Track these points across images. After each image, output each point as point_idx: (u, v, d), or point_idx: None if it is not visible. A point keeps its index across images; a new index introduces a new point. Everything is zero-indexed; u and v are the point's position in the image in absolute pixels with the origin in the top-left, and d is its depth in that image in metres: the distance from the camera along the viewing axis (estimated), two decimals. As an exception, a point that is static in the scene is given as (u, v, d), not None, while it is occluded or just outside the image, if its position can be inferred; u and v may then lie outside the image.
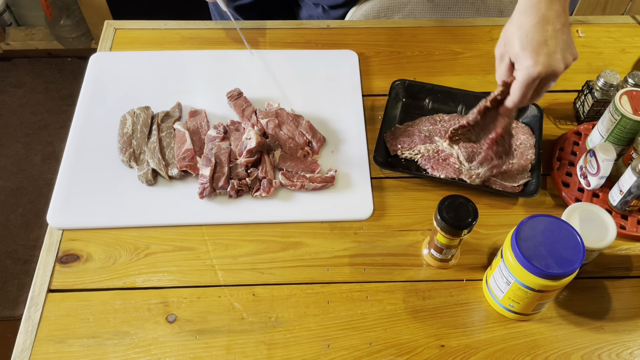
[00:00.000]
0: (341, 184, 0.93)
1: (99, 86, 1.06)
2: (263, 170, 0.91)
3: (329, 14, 1.32)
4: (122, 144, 0.95)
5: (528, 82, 0.75)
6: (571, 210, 0.81)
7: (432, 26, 1.21)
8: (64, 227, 0.88)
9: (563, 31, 0.74)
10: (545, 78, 0.76)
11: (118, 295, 0.81)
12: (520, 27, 0.74)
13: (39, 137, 2.10)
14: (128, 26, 1.18)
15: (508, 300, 0.77)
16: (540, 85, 0.78)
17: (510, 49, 0.76)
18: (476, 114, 0.87)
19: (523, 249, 0.71)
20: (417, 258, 0.87)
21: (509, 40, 0.76)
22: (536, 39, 0.73)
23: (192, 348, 0.77)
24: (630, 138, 0.91)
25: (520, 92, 0.77)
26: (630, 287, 0.85)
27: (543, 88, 0.78)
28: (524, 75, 0.75)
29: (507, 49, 0.77)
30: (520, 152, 0.97)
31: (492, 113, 0.86)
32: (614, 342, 0.79)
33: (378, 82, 1.10)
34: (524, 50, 0.74)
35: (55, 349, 0.77)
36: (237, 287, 0.83)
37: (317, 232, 0.89)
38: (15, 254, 1.81)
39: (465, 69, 1.13)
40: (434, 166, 0.95)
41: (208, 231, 0.88)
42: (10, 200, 1.93)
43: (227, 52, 1.13)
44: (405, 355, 0.77)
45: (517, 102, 0.79)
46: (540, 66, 0.73)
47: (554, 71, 0.75)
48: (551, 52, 0.74)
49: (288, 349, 0.77)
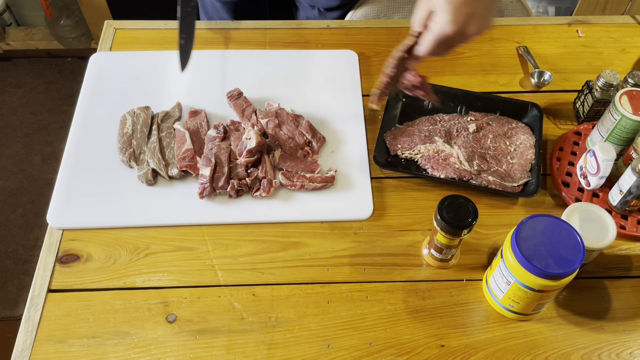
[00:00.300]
0: (341, 184, 0.93)
1: (99, 86, 1.06)
2: (263, 170, 0.91)
3: (325, 16, 1.32)
4: (122, 144, 0.95)
5: (440, 36, 0.76)
6: (571, 210, 0.81)
7: (432, 26, 1.21)
8: (64, 227, 0.88)
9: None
10: (456, 37, 0.77)
11: (118, 295, 0.81)
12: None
13: (39, 137, 2.10)
14: (128, 26, 1.18)
15: (508, 300, 0.77)
16: (449, 43, 0.78)
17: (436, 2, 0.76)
18: (393, 66, 0.88)
19: (523, 249, 0.71)
20: (417, 258, 0.87)
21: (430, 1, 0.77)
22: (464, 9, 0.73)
23: (192, 348, 0.77)
24: (630, 138, 0.91)
25: (430, 44, 0.78)
26: (630, 287, 0.85)
27: (451, 46, 0.79)
28: (437, 29, 0.76)
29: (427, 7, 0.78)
30: (520, 152, 0.97)
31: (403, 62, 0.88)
32: (614, 342, 0.79)
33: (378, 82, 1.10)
34: (446, 3, 0.73)
35: (55, 349, 0.77)
36: (237, 287, 0.83)
37: (317, 232, 0.89)
38: (15, 254, 1.81)
39: (465, 69, 1.13)
40: (434, 166, 0.95)
41: (208, 231, 0.88)
42: (10, 200, 1.93)
43: (227, 52, 1.13)
44: (405, 355, 0.77)
45: (425, 53, 0.80)
46: (455, 25, 0.74)
47: (466, 32, 0.76)
48: (470, 14, 0.74)
49: (288, 349, 0.77)
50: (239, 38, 1.16)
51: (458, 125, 1.00)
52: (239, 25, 1.19)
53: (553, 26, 1.22)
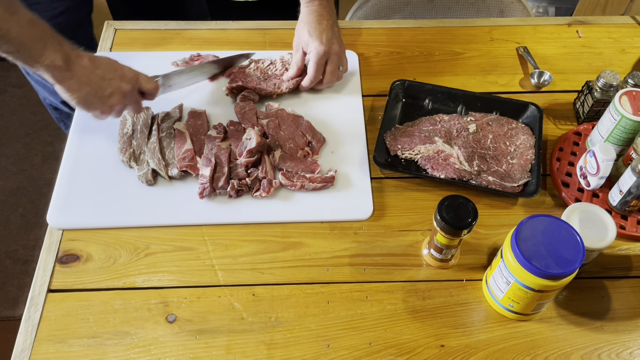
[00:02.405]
0: (341, 184, 0.93)
1: (99, 86, 1.06)
2: (263, 170, 0.91)
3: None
4: (122, 144, 0.95)
5: (318, 59, 1.00)
6: (571, 210, 0.81)
7: (432, 26, 1.21)
8: (64, 227, 0.88)
9: (334, 26, 1.02)
10: (330, 57, 1.02)
11: (118, 295, 0.81)
12: (306, 22, 1.02)
13: (39, 137, 2.10)
14: (128, 26, 1.18)
15: (508, 300, 0.77)
16: (328, 64, 1.02)
17: (302, 40, 1.03)
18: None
19: (523, 249, 0.71)
20: (417, 258, 0.87)
21: (300, 34, 1.03)
22: (319, 29, 1.00)
23: (192, 348, 0.77)
24: (630, 138, 0.91)
25: (314, 67, 1.01)
26: (630, 287, 0.85)
27: (331, 67, 1.02)
28: (314, 54, 1.00)
29: (300, 40, 1.03)
30: (520, 152, 0.97)
31: None
32: (614, 342, 0.79)
33: (378, 82, 1.10)
34: (311, 37, 1.00)
35: (55, 349, 0.77)
36: (237, 287, 0.83)
37: (317, 232, 0.89)
38: (15, 254, 1.81)
39: (465, 69, 1.13)
40: (434, 166, 0.95)
41: (208, 231, 0.88)
42: (10, 200, 1.93)
43: (227, 52, 1.13)
44: (405, 355, 0.77)
45: (312, 78, 1.02)
46: (324, 46, 1.00)
47: (333, 50, 1.01)
48: (329, 37, 1.01)
49: (288, 349, 0.77)
50: (239, 38, 1.16)
51: (458, 125, 1.00)
52: (239, 26, 1.19)
53: (553, 26, 1.22)
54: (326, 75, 1.03)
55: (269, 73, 1.07)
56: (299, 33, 1.03)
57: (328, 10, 1.02)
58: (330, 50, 1.01)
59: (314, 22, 1.01)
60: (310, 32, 1.00)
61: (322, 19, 1.01)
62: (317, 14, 1.01)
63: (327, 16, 1.01)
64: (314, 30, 1.00)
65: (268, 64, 1.08)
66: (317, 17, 1.01)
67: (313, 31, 1.00)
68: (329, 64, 1.02)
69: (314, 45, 1.00)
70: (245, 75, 1.05)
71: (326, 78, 1.03)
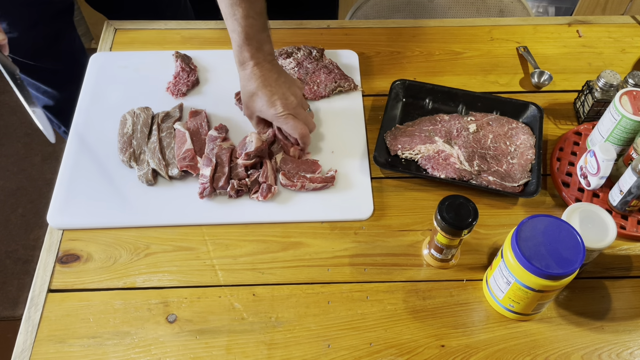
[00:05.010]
0: (341, 184, 0.93)
1: (99, 86, 1.06)
2: (264, 175, 0.91)
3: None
4: (122, 144, 0.95)
5: (287, 120, 0.91)
6: (571, 210, 0.81)
7: (432, 26, 1.21)
8: (64, 227, 0.88)
9: (279, 80, 0.93)
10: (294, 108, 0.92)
11: (118, 295, 0.81)
12: (251, 93, 0.93)
13: (39, 137, 2.10)
14: (128, 26, 1.18)
15: (508, 300, 0.77)
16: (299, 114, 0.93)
17: (256, 110, 0.94)
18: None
19: (523, 249, 0.71)
20: (417, 258, 0.87)
21: (249, 105, 0.94)
22: (267, 96, 0.91)
23: (193, 348, 0.77)
24: (630, 138, 0.91)
25: (295, 131, 0.92)
26: (630, 287, 0.85)
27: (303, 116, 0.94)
28: (279, 121, 0.92)
29: (252, 110, 0.95)
30: (520, 152, 0.97)
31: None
32: (614, 342, 0.79)
33: (378, 82, 1.10)
34: (264, 106, 0.92)
35: (55, 349, 0.77)
36: (237, 287, 0.83)
37: (317, 232, 0.89)
38: (15, 254, 1.81)
39: (465, 69, 1.13)
40: (434, 166, 0.95)
41: (208, 231, 0.88)
42: (10, 200, 1.93)
43: (228, 52, 1.12)
44: (406, 355, 0.77)
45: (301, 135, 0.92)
46: (283, 107, 0.91)
47: (292, 102, 0.92)
48: (282, 94, 0.92)
49: (288, 349, 0.77)
50: (239, 38, 1.16)
51: (458, 125, 1.00)
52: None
53: (553, 26, 1.22)
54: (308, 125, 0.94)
55: None
56: (248, 104, 0.95)
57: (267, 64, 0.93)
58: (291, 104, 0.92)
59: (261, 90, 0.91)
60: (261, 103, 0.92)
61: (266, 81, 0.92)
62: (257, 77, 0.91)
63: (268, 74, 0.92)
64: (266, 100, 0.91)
65: None
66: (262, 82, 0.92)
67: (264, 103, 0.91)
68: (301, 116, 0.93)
69: (272, 113, 0.91)
70: None
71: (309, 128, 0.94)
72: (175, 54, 1.08)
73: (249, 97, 0.93)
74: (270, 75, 0.92)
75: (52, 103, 1.44)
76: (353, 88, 1.06)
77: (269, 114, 0.92)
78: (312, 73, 1.06)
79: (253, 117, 0.96)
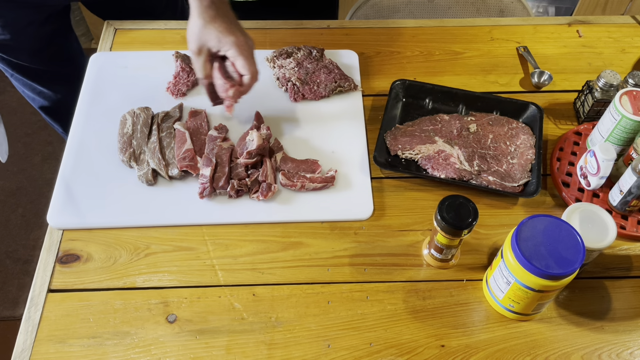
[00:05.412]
0: (341, 184, 0.93)
1: (99, 86, 1.06)
2: (264, 174, 0.91)
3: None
4: (122, 144, 0.95)
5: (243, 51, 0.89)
6: (571, 210, 0.81)
7: (432, 26, 1.21)
8: (64, 227, 0.88)
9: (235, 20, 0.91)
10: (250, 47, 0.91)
11: (118, 295, 0.81)
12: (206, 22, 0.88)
13: (39, 137, 2.10)
14: (128, 26, 1.18)
15: (508, 300, 0.77)
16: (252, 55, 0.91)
17: (209, 40, 0.89)
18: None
19: (523, 249, 0.71)
20: (417, 258, 0.87)
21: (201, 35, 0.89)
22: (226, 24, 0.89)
23: (193, 348, 0.77)
24: (630, 138, 0.91)
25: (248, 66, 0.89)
26: (630, 287, 0.85)
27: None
28: (235, 50, 0.89)
29: (204, 41, 0.90)
30: (520, 152, 0.97)
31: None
32: (614, 342, 0.79)
33: (378, 82, 1.10)
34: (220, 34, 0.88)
35: (55, 349, 0.77)
36: (237, 287, 0.83)
37: (317, 232, 0.89)
38: (15, 254, 1.81)
39: (465, 69, 1.13)
40: (434, 166, 0.95)
41: (208, 231, 0.88)
42: (10, 200, 1.93)
43: (227, 52, 1.13)
44: (406, 355, 0.77)
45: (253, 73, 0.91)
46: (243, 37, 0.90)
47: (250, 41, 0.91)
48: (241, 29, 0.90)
49: (288, 349, 0.77)
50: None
51: (458, 125, 1.00)
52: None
53: (553, 26, 1.22)
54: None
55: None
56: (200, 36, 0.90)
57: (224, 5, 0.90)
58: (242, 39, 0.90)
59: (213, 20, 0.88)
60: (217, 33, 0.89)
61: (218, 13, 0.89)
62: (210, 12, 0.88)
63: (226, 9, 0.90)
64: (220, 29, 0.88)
65: None
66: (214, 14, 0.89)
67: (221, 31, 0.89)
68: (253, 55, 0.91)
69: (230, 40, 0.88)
70: None
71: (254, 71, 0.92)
72: (175, 54, 1.08)
73: (203, 26, 0.89)
74: (229, 11, 0.90)
75: (47, 104, 1.43)
76: (353, 88, 1.06)
77: (227, 40, 0.88)
78: (312, 73, 1.06)
79: (203, 50, 0.90)
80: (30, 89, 1.39)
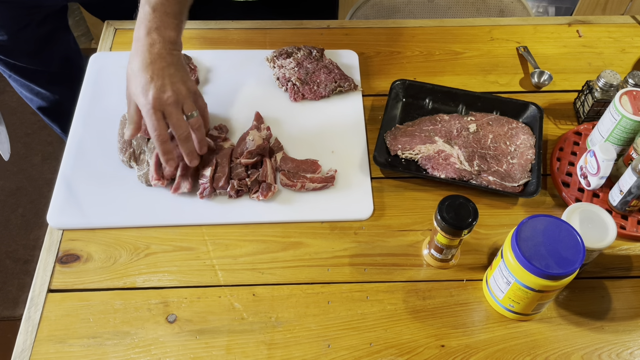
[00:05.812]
0: (341, 184, 0.93)
1: (99, 86, 1.06)
2: (264, 174, 0.91)
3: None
4: (122, 144, 0.95)
5: (152, 116, 0.82)
6: (571, 210, 0.81)
7: (432, 26, 1.21)
8: (64, 227, 0.88)
9: (166, 69, 0.82)
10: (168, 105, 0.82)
11: (118, 295, 0.81)
12: (131, 70, 0.83)
13: (39, 137, 2.10)
14: (128, 26, 1.18)
15: (508, 300, 0.77)
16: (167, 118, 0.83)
17: (131, 94, 0.84)
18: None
19: (523, 249, 0.71)
20: (417, 258, 0.87)
21: (127, 85, 0.85)
22: (145, 80, 0.81)
23: (193, 348, 0.77)
24: (630, 138, 0.91)
25: (153, 132, 0.83)
26: (630, 287, 0.85)
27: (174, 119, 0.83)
28: (144, 113, 0.82)
29: (128, 93, 0.85)
30: (520, 152, 0.97)
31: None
32: (614, 342, 0.79)
33: (378, 82, 1.10)
34: (137, 89, 0.82)
35: (55, 349, 0.77)
36: (237, 287, 0.83)
37: (317, 232, 0.89)
38: (15, 254, 1.81)
39: (465, 69, 1.13)
40: (434, 166, 0.95)
41: (208, 231, 0.88)
42: (10, 200, 1.93)
43: (227, 52, 1.13)
44: (406, 355, 0.77)
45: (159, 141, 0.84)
46: (154, 98, 0.81)
47: (169, 98, 0.82)
48: (160, 85, 0.81)
49: (288, 349, 0.77)
50: (239, 38, 1.16)
51: (458, 125, 1.00)
52: (239, 25, 1.19)
53: (553, 26, 1.22)
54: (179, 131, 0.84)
55: None
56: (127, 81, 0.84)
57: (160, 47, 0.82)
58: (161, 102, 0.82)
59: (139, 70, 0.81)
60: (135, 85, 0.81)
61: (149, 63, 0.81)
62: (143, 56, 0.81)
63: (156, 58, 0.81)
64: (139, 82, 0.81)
65: None
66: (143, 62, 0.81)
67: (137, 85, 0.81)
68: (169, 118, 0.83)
69: (140, 102, 0.82)
70: None
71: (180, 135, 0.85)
72: None
73: (128, 76, 0.84)
74: (159, 61, 0.82)
75: (45, 104, 1.43)
76: (353, 88, 1.06)
77: (139, 102, 0.82)
78: (312, 73, 1.06)
79: (131, 102, 0.85)
80: (28, 89, 1.39)
